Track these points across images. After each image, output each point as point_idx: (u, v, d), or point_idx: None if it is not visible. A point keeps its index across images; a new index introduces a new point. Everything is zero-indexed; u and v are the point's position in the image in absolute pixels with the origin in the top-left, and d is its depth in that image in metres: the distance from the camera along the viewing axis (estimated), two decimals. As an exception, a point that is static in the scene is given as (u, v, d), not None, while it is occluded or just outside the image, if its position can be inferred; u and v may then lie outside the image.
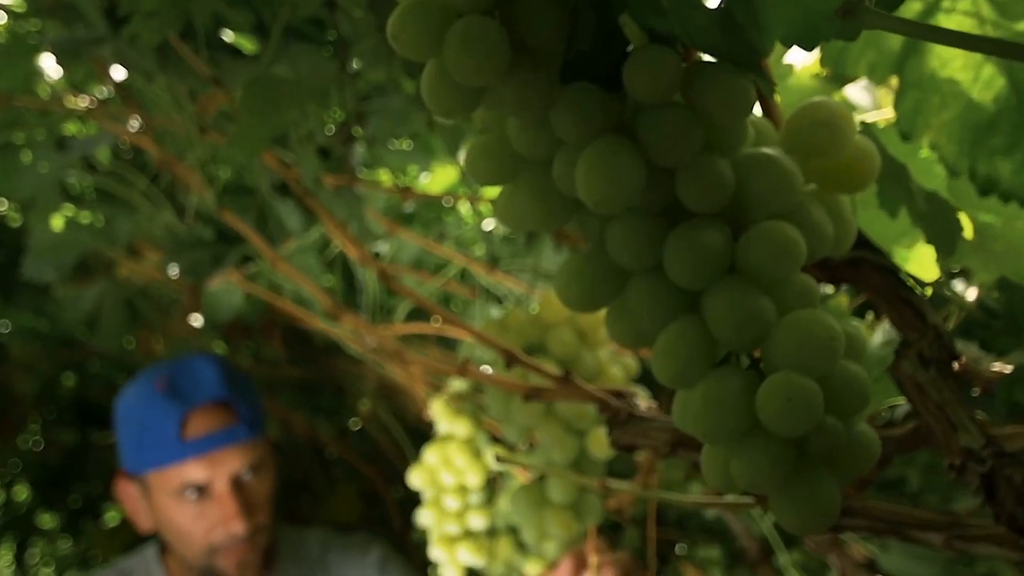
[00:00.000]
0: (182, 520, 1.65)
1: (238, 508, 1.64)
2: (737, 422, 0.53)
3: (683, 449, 0.72)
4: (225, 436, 1.65)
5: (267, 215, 1.50)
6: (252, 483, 1.68)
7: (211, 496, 1.65)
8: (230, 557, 1.66)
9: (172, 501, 1.65)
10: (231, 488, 1.64)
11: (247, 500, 1.66)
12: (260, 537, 1.70)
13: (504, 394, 0.99)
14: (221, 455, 1.65)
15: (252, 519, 1.66)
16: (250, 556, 1.68)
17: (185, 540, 1.67)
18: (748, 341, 0.54)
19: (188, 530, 1.66)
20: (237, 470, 1.66)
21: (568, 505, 1.03)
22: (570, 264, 0.59)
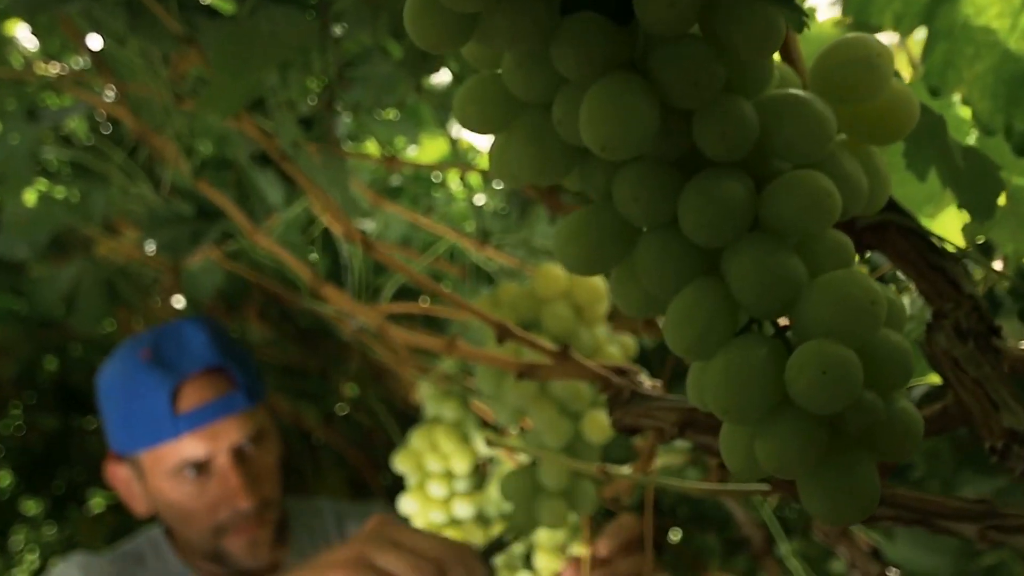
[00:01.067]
0: (182, 501, 1.52)
1: (242, 482, 1.50)
2: (763, 397, 0.46)
3: (692, 431, 0.65)
4: (222, 405, 1.51)
5: (247, 189, 1.42)
6: (255, 454, 1.55)
7: (212, 472, 1.51)
8: (239, 536, 1.53)
9: (169, 481, 1.52)
10: (233, 462, 1.51)
11: (251, 473, 1.53)
12: (269, 512, 1.56)
13: (495, 372, 0.92)
14: (219, 427, 1.51)
15: (258, 493, 1.53)
16: (260, 533, 1.55)
17: (188, 522, 1.54)
18: (775, 305, 0.47)
19: (190, 511, 1.52)
20: (238, 441, 1.52)
21: (561, 492, 0.96)
22: (571, 221, 0.52)
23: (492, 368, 0.92)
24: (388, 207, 1.21)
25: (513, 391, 0.91)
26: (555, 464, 0.94)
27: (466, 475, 1.28)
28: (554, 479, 0.95)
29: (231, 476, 1.50)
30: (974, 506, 0.64)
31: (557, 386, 0.92)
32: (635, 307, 0.53)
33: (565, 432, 0.94)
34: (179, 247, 1.43)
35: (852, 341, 0.45)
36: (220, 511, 1.51)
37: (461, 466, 1.26)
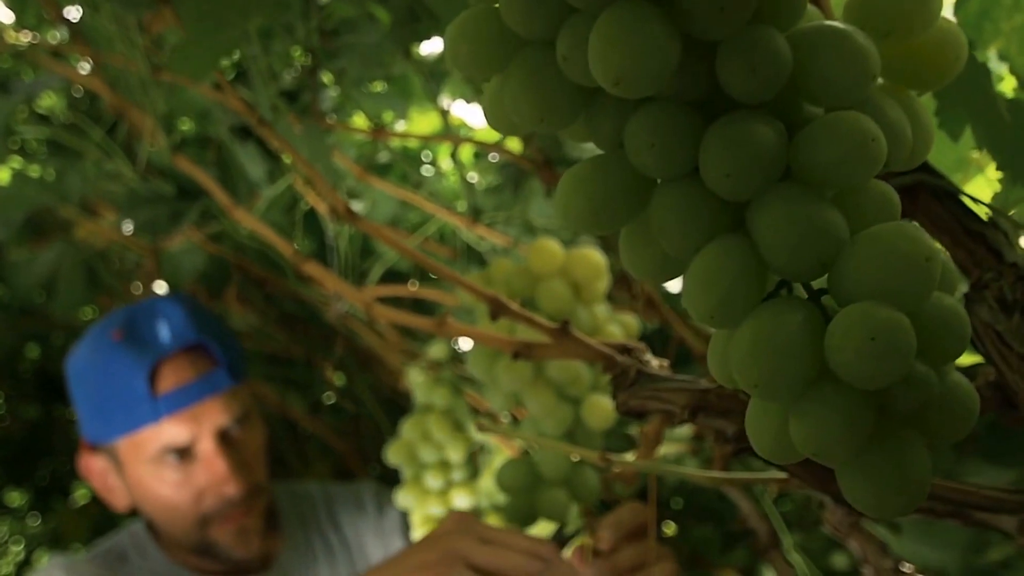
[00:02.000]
0: (165, 491, 1.40)
1: (229, 467, 1.39)
2: (800, 369, 0.39)
3: (704, 414, 0.59)
4: (204, 385, 1.39)
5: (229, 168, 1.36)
6: (241, 437, 1.43)
7: (195, 458, 1.39)
8: (226, 525, 1.42)
9: (150, 470, 1.40)
10: (218, 445, 1.39)
11: (238, 457, 1.41)
12: (258, 499, 1.46)
13: (488, 354, 0.86)
14: (202, 409, 1.39)
15: (246, 478, 1.41)
16: (249, 521, 1.44)
17: (171, 514, 1.42)
18: (811, 264, 0.41)
19: (173, 502, 1.41)
20: (222, 424, 1.40)
21: (561, 482, 0.90)
22: (576, 172, 0.46)
23: (485, 349, 0.86)
24: (375, 183, 1.15)
25: (507, 374, 0.84)
26: (555, 452, 0.88)
27: (462, 464, 1.22)
28: (554, 468, 0.89)
29: (217, 461, 1.39)
30: (1013, 497, 0.58)
31: (554, 369, 0.86)
32: (648, 270, 0.46)
33: (564, 418, 0.88)
34: (158, 227, 1.37)
35: (903, 304, 0.39)
36: (206, 500, 1.41)
37: (456, 455, 1.20)
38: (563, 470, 0.89)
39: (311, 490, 1.64)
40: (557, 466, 0.89)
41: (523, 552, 0.88)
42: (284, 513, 1.57)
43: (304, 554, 1.55)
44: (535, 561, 0.87)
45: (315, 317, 1.80)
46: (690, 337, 1.00)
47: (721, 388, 0.59)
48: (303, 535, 1.57)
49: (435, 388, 1.23)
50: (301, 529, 1.57)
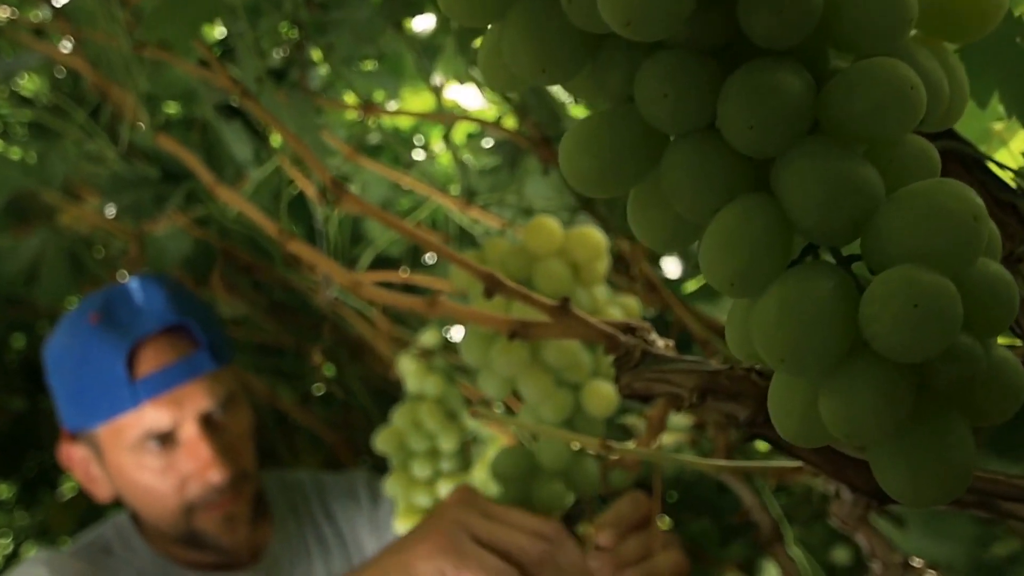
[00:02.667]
0: (147, 479, 1.34)
1: (213, 452, 1.32)
2: (831, 340, 0.35)
3: (714, 397, 0.55)
4: (186, 368, 1.33)
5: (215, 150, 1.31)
6: (225, 421, 1.37)
7: (178, 444, 1.33)
8: (212, 513, 1.36)
9: (131, 457, 1.34)
10: (201, 430, 1.33)
11: (223, 442, 1.35)
12: (245, 485, 1.39)
13: (482, 337, 0.81)
14: (184, 392, 1.33)
15: (232, 464, 1.35)
16: (236, 508, 1.37)
17: (154, 503, 1.36)
18: (843, 224, 0.37)
19: (156, 490, 1.35)
20: (206, 408, 1.34)
21: (560, 472, 0.86)
22: (581, 128, 0.42)
23: (478, 333, 0.81)
24: (366, 163, 1.10)
25: (502, 357, 0.80)
26: (554, 440, 0.84)
27: (453, 454, 1.18)
28: (552, 457, 0.85)
29: (200, 447, 1.33)
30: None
31: (551, 352, 0.82)
32: (660, 236, 0.42)
33: (563, 404, 0.84)
34: (142, 210, 1.32)
35: (947, 267, 0.35)
36: (190, 487, 1.34)
37: (448, 444, 1.16)
38: (562, 460, 0.85)
39: (303, 479, 1.59)
40: (556, 455, 0.84)
41: (528, 531, 0.84)
42: (275, 503, 1.52)
43: (296, 545, 1.49)
44: (539, 541, 0.84)
45: (305, 306, 1.75)
46: (691, 322, 0.96)
47: (732, 370, 0.55)
48: (295, 526, 1.51)
49: (427, 376, 1.19)
50: (293, 519, 1.52)
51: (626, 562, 0.93)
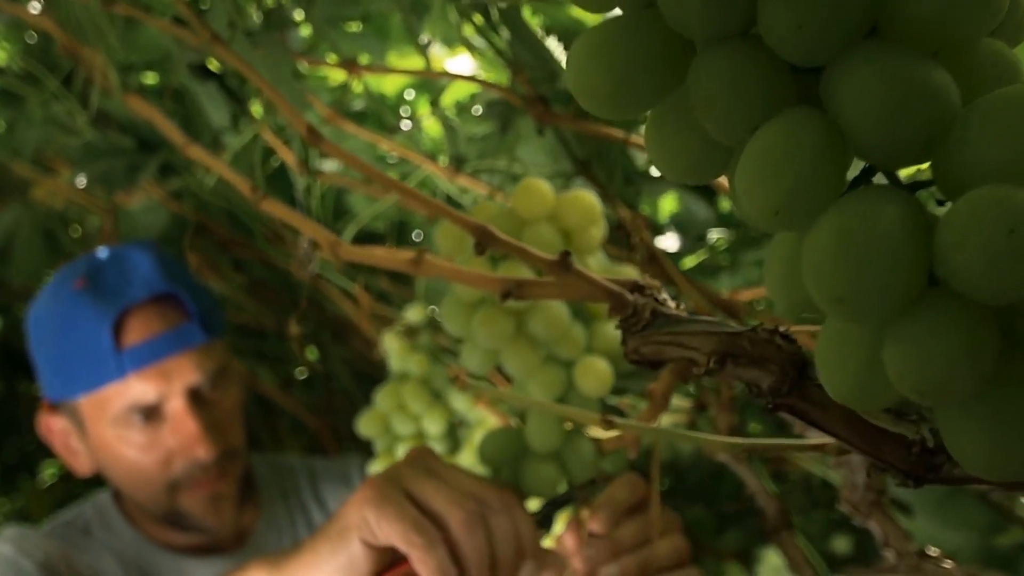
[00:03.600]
0: (130, 454, 1.26)
1: (200, 429, 1.25)
2: (901, 275, 0.29)
3: (734, 362, 0.49)
4: (174, 339, 1.25)
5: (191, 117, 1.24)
6: (214, 397, 1.29)
7: (164, 418, 1.26)
8: (197, 492, 1.28)
9: (114, 431, 1.26)
10: (189, 405, 1.25)
11: (211, 418, 1.28)
12: (232, 464, 1.31)
13: (464, 305, 0.74)
14: (171, 364, 1.25)
15: (219, 441, 1.27)
16: (222, 487, 1.30)
17: (138, 480, 1.28)
18: (911, 141, 0.30)
19: (140, 466, 1.27)
20: (194, 382, 1.26)
21: (552, 454, 0.80)
22: (594, 37, 0.35)
23: (461, 300, 0.74)
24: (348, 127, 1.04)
25: (484, 328, 0.73)
26: (545, 421, 0.77)
27: (440, 437, 1.11)
28: (544, 439, 0.78)
29: (187, 422, 1.25)
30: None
31: (539, 324, 0.75)
32: (684, 164, 0.36)
33: (553, 382, 0.77)
34: (114, 180, 1.26)
35: (1042, 188, 0.28)
36: (175, 464, 1.27)
37: (434, 427, 1.10)
38: (554, 441, 0.78)
39: (294, 464, 1.52)
40: (548, 436, 0.78)
41: (463, 490, 0.78)
42: (264, 486, 1.45)
43: (284, 531, 1.43)
44: (469, 501, 0.77)
45: (286, 285, 1.68)
46: (694, 295, 0.90)
47: (754, 332, 0.49)
48: (284, 511, 1.44)
49: (411, 355, 1.13)
50: (282, 504, 1.45)
51: (622, 549, 0.87)
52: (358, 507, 0.79)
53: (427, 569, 0.75)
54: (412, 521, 0.76)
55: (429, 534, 0.76)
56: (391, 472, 0.81)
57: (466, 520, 0.77)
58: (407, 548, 0.75)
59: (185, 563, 1.33)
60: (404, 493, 0.78)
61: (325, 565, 0.80)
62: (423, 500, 0.78)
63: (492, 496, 0.79)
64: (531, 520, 0.80)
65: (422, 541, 0.75)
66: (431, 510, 0.78)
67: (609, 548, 0.87)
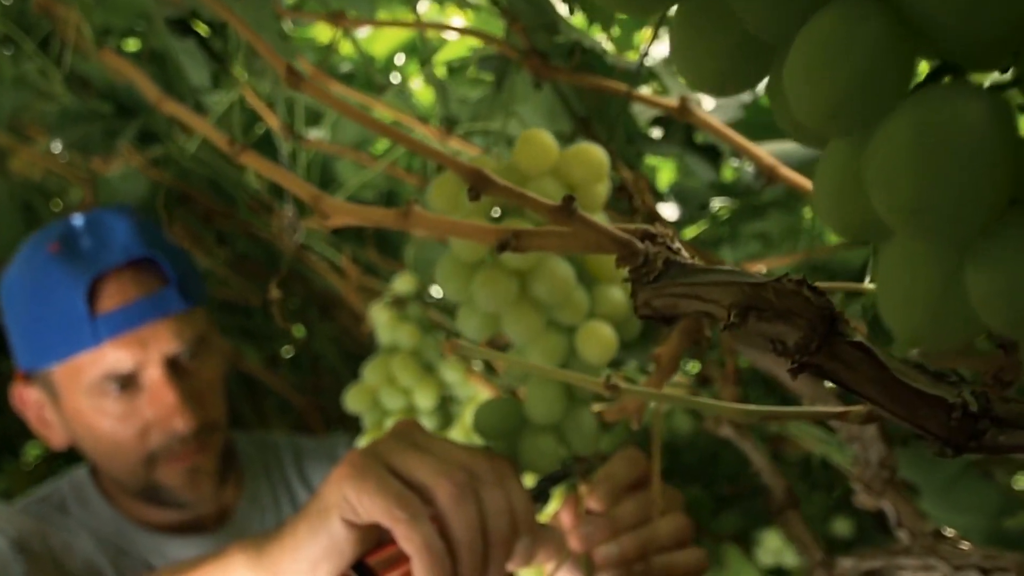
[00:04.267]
0: (106, 425, 1.21)
1: (178, 399, 1.19)
2: (989, 184, 0.24)
3: (758, 315, 0.44)
4: (152, 305, 1.19)
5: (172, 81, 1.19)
6: (193, 367, 1.24)
7: (141, 388, 1.20)
8: (175, 465, 1.22)
9: (89, 401, 1.20)
10: (166, 374, 1.20)
11: (189, 389, 1.22)
12: (212, 438, 1.26)
13: (461, 265, 0.69)
14: (149, 332, 1.19)
15: (198, 412, 1.22)
16: (201, 462, 1.24)
17: (113, 452, 1.23)
18: (998, 36, 0.25)
19: (116, 438, 1.21)
20: (172, 350, 1.21)
21: (552, 426, 0.75)
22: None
23: (458, 260, 0.69)
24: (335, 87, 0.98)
25: (485, 290, 0.68)
26: (545, 390, 0.72)
27: (431, 411, 1.06)
28: (544, 409, 0.73)
29: (164, 392, 1.20)
30: None
31: (542, 287, 0.70)
32: (716, 68, 0.31)
33: (555, 348, 0.72)
34: (90, 145, 1.20)
35: None
36: (152, 436, 1.21)
37: (425, 401, 1.05)
38: (555, 412, 0.73)
39: (278, 441, 1.46)
40: (548, 407, 0.73)
41: (452, 461, 0.72)
42: (247, 463, 1.39)
43: (267, 509, 1.37)
44: (457, 473, 0.71)
45: (272, 259, 1.63)
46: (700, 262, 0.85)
47: (780, 283, 0.44)
48: (267, 488, 1.39)
49: (400, 326, 1.08)
50: (266, 482, 1.39)
51: (621, 527, 0.82)
52: (337, 485, 0.73)
53: (412, 545, 0.70)
54: (394, 495, 0.70)
55: (413, 508, 0.70)
56: (373, 446, 0.76)
57: (454, 492, 0.71)
58: (390, 524, 0.70)
59: (164, 542, 1.28)
60: (386, 467, 0.73)
61: (306, 548, 0.74)
62: (407, 473, 0.73)
63: (484, 467, 0.74)
64: (526, 494, 0.75)
65: (406, 515, 0.70)
66: (416, 483, 0.72)
67: (608, 526, 0.82)
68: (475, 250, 0.69)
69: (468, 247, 0.69)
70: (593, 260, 0.75)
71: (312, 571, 0.74)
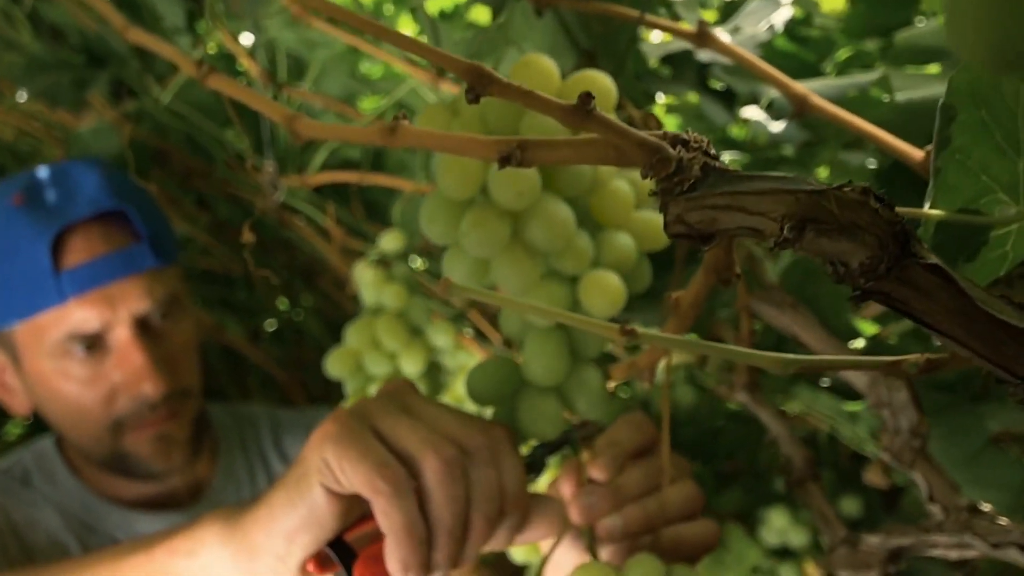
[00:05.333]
0: (70, 389, 1.13)
1: (147, 361, 1.11)
2: None
3: (818, 230, 0.36)
4: (121, 261, 1.11)
5: (146, 21, 1.10)
6: (165, 328, 1.16)
7: (108, 349, 1.12)
8: (143, 433, 1.14)
9: (53, 363, 1.12)
10: (135, 335, 1.11)
11: (159, 351, 1.14)
12: (184, 405, 1.18)
13: (449, 205, 0.60)
14: (117, 289, 1.11)
15: (169, 376, 1.14)
16: (171, 429, 1.16)
17: (78, 419, 1.14)
18: None
19: (80, 402, 1.13)
20: (142, 310, 1.12)
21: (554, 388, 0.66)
22: None
23: (445, 199, 0.60)
24: (320, 25, 0.90)
25: (474, 232, 0.59)
26: (548, 344, 0.64)
27: (418, 377, 0.98)
28: (545, 368, 0.64)
29: (133, 353, 1.11)
30: None
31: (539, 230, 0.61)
32: None
33: (555, 299, 0.64)
34: (58, 95, 1.11)
35: None
36: (119, 401, 1.13)
37: (412, 366, 0.97)
38: (557, 370, 0.65)
39: (257, 413, 1.38)
40: (549, 365, 0.64)
41: (444, 432, 0.65)
42: (222, 436, 1.31)
43: (243, 483, 1.29)
44: (446, 446, 0.64)
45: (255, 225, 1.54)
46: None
47: (841, 191, 0.36)
48: (243, 462, 1.31)
49: (386, 286, 0.99)
50: (241, 455, 1.31)
51: (626, 497, 0.74)
52: (318, 447, 0.65)
53: (390, 524, 0.62)
54: (378, 463, 0.62)
55: (397, 480, 0.62)
56: (360, 406, 0.67)
57: (442, 469, 0.63)
58: (370, 496, 0.62)
59: (134, 518, 1.19)
60: (372, 431, 0.65)
61: (283, 519, 0.66)
62: (394, 440, 0.64)
63: (478, 441, 0.65)
64: (521, 470, 0.67)
65: (388, 488, 0.62)
66: (403, 452, 0.64)
67: (611, 496, 0.74)
68: (464, 186, 0.60)
69: (457, 182, 0.60)
70: (598, 202, 0.67)
71: (287, 544, 0.66)
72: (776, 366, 0.49)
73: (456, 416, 0.67)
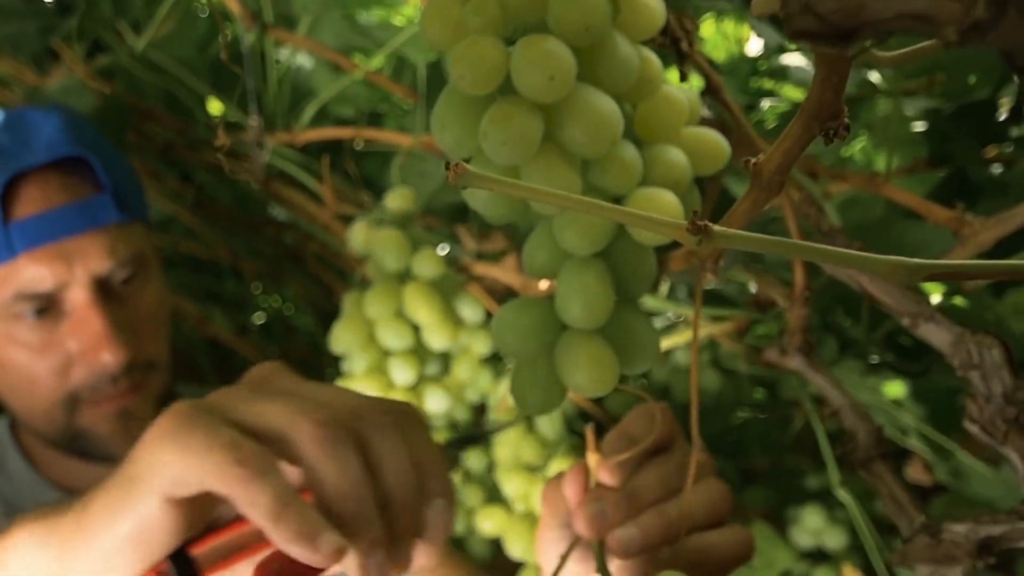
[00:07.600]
0: (18, 358, 1.00)
1: (106, 326, 0.98)
2: None
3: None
4: (79, 214, 0.98)
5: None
6: (128, 292, 1.03)
7: (62, 312, 0.99)
8: (101, 408, 1.01)
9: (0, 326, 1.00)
10: (94, 296, 0.98)
11: (122, 317, 1.01)
12: (148, 379, 1.04)
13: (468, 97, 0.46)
14: (75, 245, 0.98)
15: (132, 346, 1.00)
16: (133, 405, 1.02)
17: (26, 391, 1.02)
18: None
19: (30, 373, 1.00)
20: (102, 270, 0.99)
21: (598, 328, 0.53)
22: None
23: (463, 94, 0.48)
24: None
25: (497, 131, 0.46)
26: (585, 273, 0.51)
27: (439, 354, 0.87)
28: (585, 303, 0.50)
29: (90, 317, 0.98)
30: None
31: (577, 129, 0.48)
32: None
33: (595, 225, 0.52)
34: (21, 43, 1.00)
35: None
36: (74, 372, 1.00)
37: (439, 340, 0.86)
38: (600, 308, 0.52)
39: None
40: (590, 302, 0.51)
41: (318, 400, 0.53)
42: None
43: None
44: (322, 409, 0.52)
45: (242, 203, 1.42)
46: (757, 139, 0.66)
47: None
48: None
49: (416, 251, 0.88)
50: None
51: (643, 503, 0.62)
52: (151, 444, 0.54)
53: (259, 510, 0.49)
54: (227, 445, 0.50)
55: (256, 462, 0.50)
56: (210, 396, 0.55)
57: (319, 434, 0.51)
58: (226, 489, 0.50)
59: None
60: (222, 418, 0.52)
61: (104, 534, 0.54)
62: (252, 422, 0.52)
63: (376, 410, 0.54)
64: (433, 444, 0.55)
65: (244, 472, 0.49)
66: (266, 432, 0.52)
67: (625, 503, 0.61)
68: (484, 75, 0.48)
69: (475, 70, 0.47)
70: (643, 116, 0.55)
71: (107, 562, 0.54)
72: (899, 273, 0.37)
73: (347, 391, 0.56)
